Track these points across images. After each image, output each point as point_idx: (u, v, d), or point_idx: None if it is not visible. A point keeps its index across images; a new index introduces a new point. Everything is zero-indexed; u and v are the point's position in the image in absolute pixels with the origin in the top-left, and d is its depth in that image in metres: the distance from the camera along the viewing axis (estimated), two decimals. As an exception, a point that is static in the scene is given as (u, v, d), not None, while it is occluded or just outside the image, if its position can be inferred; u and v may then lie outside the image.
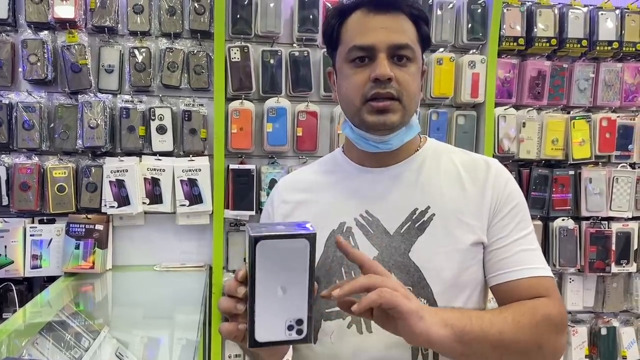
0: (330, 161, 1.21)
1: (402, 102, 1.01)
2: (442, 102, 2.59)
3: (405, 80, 1.00)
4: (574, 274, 2.72)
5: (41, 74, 2.24)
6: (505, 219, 1.04)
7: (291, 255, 0.74)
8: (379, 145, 1.06)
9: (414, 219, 1.04)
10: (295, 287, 0.75)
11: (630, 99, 2.73)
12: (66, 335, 1.66)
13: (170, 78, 2.37)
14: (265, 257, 0.73)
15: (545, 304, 0.98)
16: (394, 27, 1.00)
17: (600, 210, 2.68)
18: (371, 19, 1.01)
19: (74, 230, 2.29)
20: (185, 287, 2.28)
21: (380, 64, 0.98)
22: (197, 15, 2.36)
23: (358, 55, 1.01)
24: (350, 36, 1.03)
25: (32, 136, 2.26)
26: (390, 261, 1.02)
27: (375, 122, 1.01)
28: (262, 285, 0.74)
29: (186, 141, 2.39)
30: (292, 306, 0.75)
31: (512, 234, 1.03)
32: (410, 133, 1.07)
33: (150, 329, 1.88)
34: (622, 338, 2.76)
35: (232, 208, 2.39)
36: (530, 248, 1.04)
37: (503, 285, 1.02)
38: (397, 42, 0.99)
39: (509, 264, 1.02)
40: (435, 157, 1.11)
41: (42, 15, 2.25)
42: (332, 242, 1.06)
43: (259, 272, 0.73)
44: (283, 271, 0.74)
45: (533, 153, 2.64)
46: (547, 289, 1.01)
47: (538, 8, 2.59)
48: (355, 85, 1.01)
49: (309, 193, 1.15)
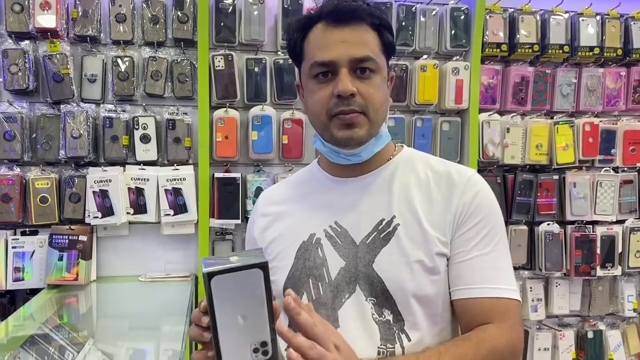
0: (307, 173, 1.22)
1: (368, 115, 1.00)
2: (426, 109, 2.60)
3: (369, 93, 0.99)
4: (560, 278, 2.73)
5: (22, 84, 2.22)
6: (469, 232, 1.00)
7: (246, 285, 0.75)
8: (349, 157, 1.06)
9: (380, 229, 1.04)
10: (255, 314, 0.76)
11: (612, 103, 2.76)
12: (49, 348, 1.64)
13: (154, 87, 2.36)
14: (222, 291, 0.74)
15: (492, 336, 0.94)
16: (355, 40, 0.99)
17: (585, 214, 2.70)
18: (331, 32, 1.00)
19: (57, 241, 2.26)
20: (170, 297, 2.26)
21: (341, 80, 0.97)
22: (180, 24, 2.36)
23: (320, 71, 1.01)
24: (311, 52, 1.02)
25: (13, 147, 2.23)
26: (356, 272, 1.02)
27: (343, 137, 1.01)
28: (222, 316, 0.75)
29: (170, 150, 2.37)
30: (254, 331, 0.77)
31: (474, 249, 1.00)
32: (379, 143, 1.07)
33: (136, 341, 1.86)
34: (609, 341, 2.78)
35: (217, 217, 2.38)
36: (494, 266, 0.99)
37: (459, 301, 1.00)
38: (358, 55, 0.98)
39: (467, 281, 0.99)
40: (407, 166, 1.10)
41: (23, 24, 2.22)
42: (302, 254, 1.07)
43: (217, 305, 0.74)
44: (241, 301, 0.75)
45: (517, 158, 2.65)
46: (503, 312, 0.97)
47: (520, 15, 2.62)
48: (319, 101, 1.01)
49: (284, 205, 1.17)
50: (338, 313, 1.02)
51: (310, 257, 1.06)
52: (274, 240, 1.13)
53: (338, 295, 1.02)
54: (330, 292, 1.03)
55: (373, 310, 1.00)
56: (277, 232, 1.13)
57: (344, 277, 1.03)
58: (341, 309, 1.02)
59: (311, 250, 1.07)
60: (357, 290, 1.01)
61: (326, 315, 1.02)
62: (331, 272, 1.04)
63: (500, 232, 1.03)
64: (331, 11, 1.00)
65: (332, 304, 1.02)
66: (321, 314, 1.02)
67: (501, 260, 1.01)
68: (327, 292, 1.03)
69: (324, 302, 1.03)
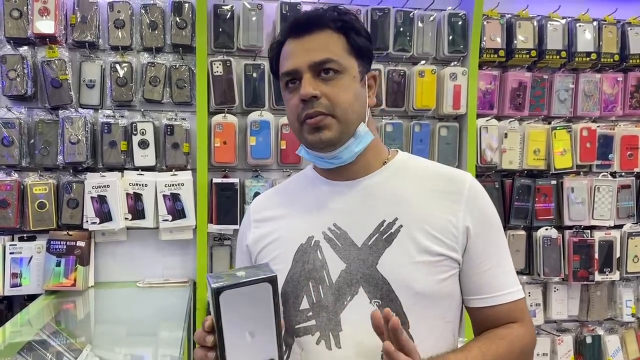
0: (301, 177, 1.22)
1: (336, 116, 1.02)
2: (424, 114, 2.61)
3: (334, 94, 1.01)
4: (558, 283, 2.73)
5: (21, 90, 2.22)
6: (485, 242, 1.05)
7: (255, 300, 0.74)
8: (332, 160, 1.07)
9: (382, 231, 1.04)
10: (262, 330, 0.76)
11: (610, 108, 2.77)
12: (47, 354, 1.63)
13: (152, 92, 2.36)
14: (230, 307, 0.73)
15: (521, 335, 1.04)
16: (315, 46, 1.02)
17: (583, 219, 2.71)
18: (294, 44, 1.05)
19: (55, 247, 2.25)
20: (168, 303, 2.25)
21: (302, 85, 1.01)
22: (178, 30, 2.36)
23: (288, 79, 1.05)
24: (281, 65, 1.07)
25: (11, 152, 2.23)
26: (359, 274, 1.02)
27: (314, 139, 1.03)
28: (230, 333, 0.74)
29: (169, 156, 2.37)
30: (262, 348, 0.76)
31: (492, 258, 1.05)
32: (360, 143, 1.07)
33: (134, 346, 1.86)
34: (607, 346, 2.78)
35: (215, 222, 2.38)
36: (507, 270, 1.07)
37: (483, 309, 1.06)
38: (317, 59, 1.01)
39: (490, 290, 1.05)
40: (404, 169, 1.11)
41: (22, 30, 2.23)
42: (300, 257, 1.07)
43: (225, 322, 0.73)
44: (249, 317, 0.74)
45: (515, 163, 2.66)
46: (522, 311, 1.07)
47: (517, 20, 2.63)
48: (291, 108, 1.06)
49: (278, 210, 1.17)
50: (340, 316, 1.02)
51: (309, 259, 1.06)
52: (270, 244, 1.13)
53: (340, 298, 1.02)
54: (331, 294, 1.03)
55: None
56: (273, 236, 1.13)
57: (346, 280, 1.03)
58: (343, 312, 1.02)
59: (310, 253, 1.06)
60: (360, 292, 1.01)
61: (328, 319, 1.02)
62: (332, 274, 1.04)
63: (503, 234, 1.10)
64: (292, 25, 1.06)
65: (334, 306, 1.02)
66: (322, 317, 1.02)
67: (509, 261, 1.09)
68: (328, 295, 1.03)
69: (325, 305, 1.03)
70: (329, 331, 1.01)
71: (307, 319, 1.04)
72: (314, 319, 1.03)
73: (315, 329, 1.03)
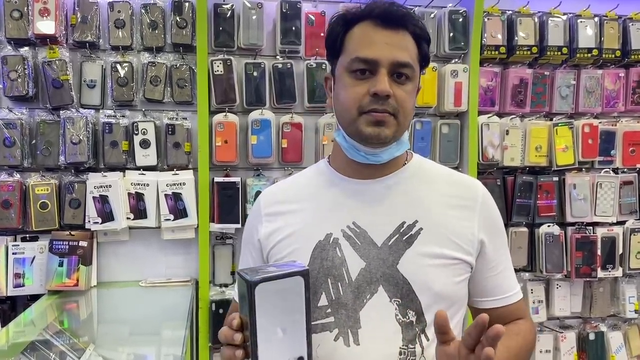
0: (314, 172, 1.20)
1: (398, 118, 1.02)
2: (425, 112, 2.60)
3: (403, 98, 1.01)
4: (560, 279, 2.73)
5: (22, 91, 2.22)
6: (496, 246, 1.10)
7: (288, 295, 0.75)
8: (369, 157, 1.06)
9: (402, 232, 1.05)
10: (294, 326, 0.76)
11: (611, 105, 2.76)
12: (50, 354, 1.64)
13: (153, 92, 2.36)
14: (264, 301, 0.73)
15: (529, 330, 1.13)
16: (398, 44, 1.01)
17: (585, 216, 2.70)
18: (377, 32, 1.01)
19: (58, 247, 2.26)
20: (171, 302, 2.26)
21: (380, 80, 0.99)
22: (179, 29, 2.36)
23: (360, 68, 1.01)
24: (354, 47, 1.03)
25: (13, 153, 2.24)
26: (378, 273, 1.03)
27: (371, 133, 1.01)
28: (263, 328, 0.74)
29: (170, 155, 2.37)
30: (292, 345, 0.76)
31: (501, 262, 1.12)
32: (400, 149, 1.09)
33: (137, 346, 1.86)
34: (610, 343, 2.77)
35: (217, 221, 2.38)
36: (512, 271, 1.15)
37: (493, 310, 1.11)
38: (399, 59, 1.00)
39: (500, 291, 1.12)
40: (422, 172, 1.13)
41: (22, 31, 2.23)
42: (319, 253, 1.06)
43: (260, 316, 0.73)
44: (282, 312, 0.75)
45: (517, 160, 2.65)
46: (524, 309, 1.18)
47: (518, 17, 2.62)
48: (353, 96, 1.02)
49: (292, 204, 1.14)
50: (359, 314, 1.02)
51: (328, 256, 1.05)
52: (285, 239, 1.11)
53: (359, 296, 1.03)
54: (351, 292, 1.03)
55: (397, 311, 1.01)
56: (287, 231, 1.11)
57: (365, 278, 1.03)
58: (363, 310, 1.02)
59: (329, 250, 1.06)
60: (380, 291, 1.02)
61: (347, 316, 1.02)
62: (351, 272, 1.04)
63: (506, 236, 1.16)
64: (381, 12, 1.02)
65: (353, 304, 1.02)
66: (341, 314, 1.03)
67: (511, 263, 1.16)
68: (347, 293, 1.03)
69: (345, 302, 1.03)
70: (348, 328, 1.02)
71: (325, 316, 1.04)
72: (332, 316, 1.03)
73: (333, 325, 1.03)
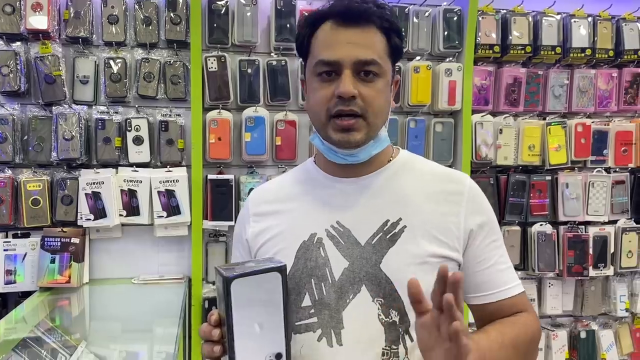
0: (302, 171, 1.20)
1: (367, 118, 1.01)
2: (419, 110, 2.61)
3: (370, 97, 1.00)
4: (552, 278, 2.74)
5: (14, 86, 2.21)
6: (485, 240, 1.07)
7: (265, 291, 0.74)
8: (346, 157, 1.06)
9: (385, 230, 1.04)
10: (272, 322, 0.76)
11: (604, 104, 2.77)
12: (42, 351, 1.63)
13: (147, 88, 2.35)
14: (240, 296, 0.73)
15: (530, 322, 1.06)
16: (362, 41, 0.99)
17: (577, 215, 2.72)
18: (339, 32, 1.00)
19: (49, 244, 2.24)
20: (164, 299, 2.25)
21: (343, 81, 0.97)
22: (173, 25, 2.35)
23: (324, 70, 1.00)
24: (317, 49, 1.02)
25: (5, 149, 2.22)
26: (362, 272, 1.02)
27: (340, 139, 1.01)
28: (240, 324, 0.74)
29: (163, 152, 2.37)
30: (270, 341, 0.76)
31: (491, 257, 1.07)
32: (378, 146, 1.07)
33: (129, 343, 1.86)
34: (601, 341, 2.79)
35: (210, 219, 2.37)
36: (506, 266, 1.09)
37: (486, 305, 1.07)
38: (363, 58, 0.98)
39: (492, 286, 1.07)
40: (407, 168, 1.12)
41: (15, 26, 2.21)
42: (303, 254, 1.06)
43: (235, 311, 0.73)
44: (259, 307, 0.74)
45: (510, 159, 2.66)
46: (525, 303, 1.09)
47: (512, 16, 2.63)
48: (320, 100, 1.01)
49: (279, 204, 1.15)
50: (342, 314, 1.01)
51: (312, 257, 1.05)
52: (271, 239, 1.11)
53: (342, 296, 1.02)
54: (334, 292, 1.02)
55: (380, 311, 1.01)
56: (274, 231, 1.11)
57: (348, 278, 1.02)
58: (345, 310, 1.02)
59: (312, 250, 1.05)
60: (363, 290, 1.01)
61: (330, 317, 1.02)
62: (334, 272, 1.03)
63: (499, 231, 1.12)
64: (341, 11, 1.00)
65: (336, 304, 1.02)
66: (324, 314, 1.02)
67: (506, 257, 1.11)
68: (330, 293, 1.03)
69: (327, 302, 1.02)
70: (331, 328, 1.01)
71: (309, 316, 1.03)
72: (315, 316, 1.03)
73: (316, 326, 1.02)
